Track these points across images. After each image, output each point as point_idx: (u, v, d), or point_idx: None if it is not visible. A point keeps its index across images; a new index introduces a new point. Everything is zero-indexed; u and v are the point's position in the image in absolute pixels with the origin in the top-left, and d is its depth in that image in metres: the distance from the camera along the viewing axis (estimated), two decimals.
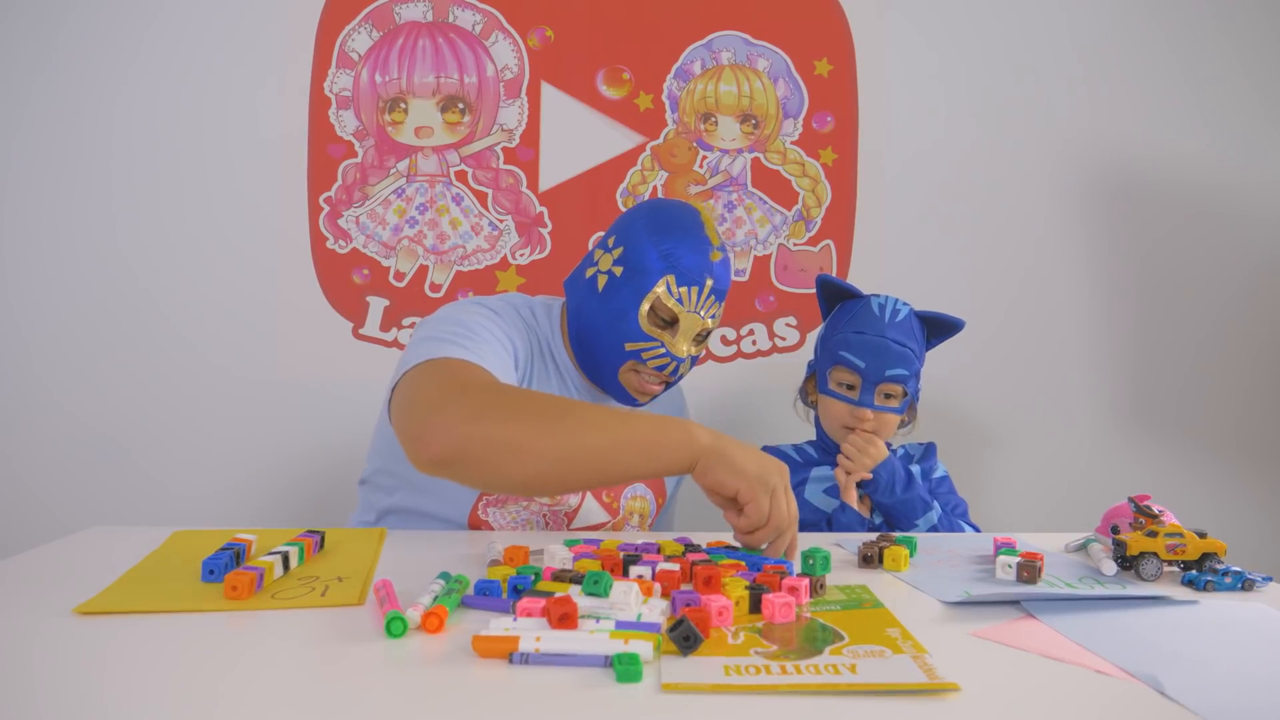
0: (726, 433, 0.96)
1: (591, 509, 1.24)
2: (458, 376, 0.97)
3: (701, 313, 1.19)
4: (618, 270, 1.18)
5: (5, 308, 1.78)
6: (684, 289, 1.17)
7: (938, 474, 1.46)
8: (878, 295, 1.42)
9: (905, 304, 1.41)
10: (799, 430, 1.56)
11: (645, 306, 1.17)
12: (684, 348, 1.20)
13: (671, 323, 1.19)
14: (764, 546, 0.95)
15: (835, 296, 1.47)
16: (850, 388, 1.39)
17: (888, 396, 1.39)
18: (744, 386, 1.89)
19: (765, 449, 1.51)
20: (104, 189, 1.79)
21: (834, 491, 1.39)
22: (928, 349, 1.45)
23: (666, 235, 1.18)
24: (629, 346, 1.18)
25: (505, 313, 1.20)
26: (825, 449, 1.46)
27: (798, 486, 1.44)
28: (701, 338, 1.23)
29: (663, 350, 1.18)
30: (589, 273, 1.22)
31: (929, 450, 1.49)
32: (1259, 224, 1.96)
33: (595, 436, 0.91)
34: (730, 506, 0.94)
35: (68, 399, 1.78)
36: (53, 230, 1.78)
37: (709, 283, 1.18)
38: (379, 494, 1.25)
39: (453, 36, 1.85)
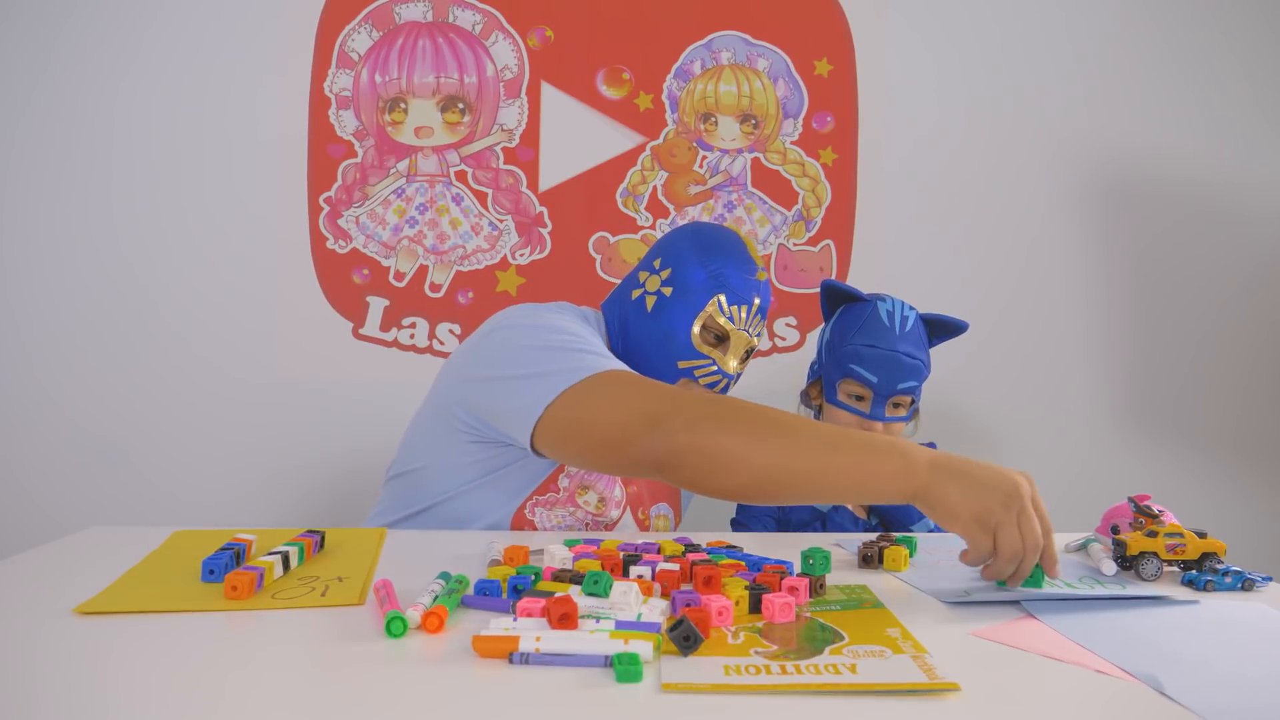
0: None
1: (627, 524, 1.24)
2: (651, 386, 0.99)
3: (750, 330, 1.23)
4: (667, 291, 1.21)
5: (5, 309, 1.78)
6: (734, 307, 1.21)
7: None
8: (883, 299, 1.40)
9: (911, 308, 1.40)
10: None
11: (697, 325, 1.20)
12: (733, 364, 1.22)
13: (722, 340, 1.22)
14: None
15: (838, 300, 1.45)
16: (861, 399, 1.39)
17: (896, 406, 1.39)
18: (744, 386, 1.88)
19: None
20: (103, 189, 1.79)
21: None
22: (930, 347, 1.44)
23: (713, 256, 1.21)
24: (682, 365, 1.20)
25: (577, 323, 1.17)
26: None
27: None
28: (747, 355, 1.24)
29: (715, 368, 1.20)
30: (634, 294, 1.24)
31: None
32: (1258, 223, 1.96)
33: (808, 457, 0.90)
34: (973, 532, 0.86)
35: (67, 399, 1.78)
36: (52, 230, 1.78)
37: (756, 301, 1.22)
38: (418, 491, 1.21)
39: (453, 36, 1.85)
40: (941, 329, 1.42)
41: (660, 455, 0.92)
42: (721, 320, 1.20)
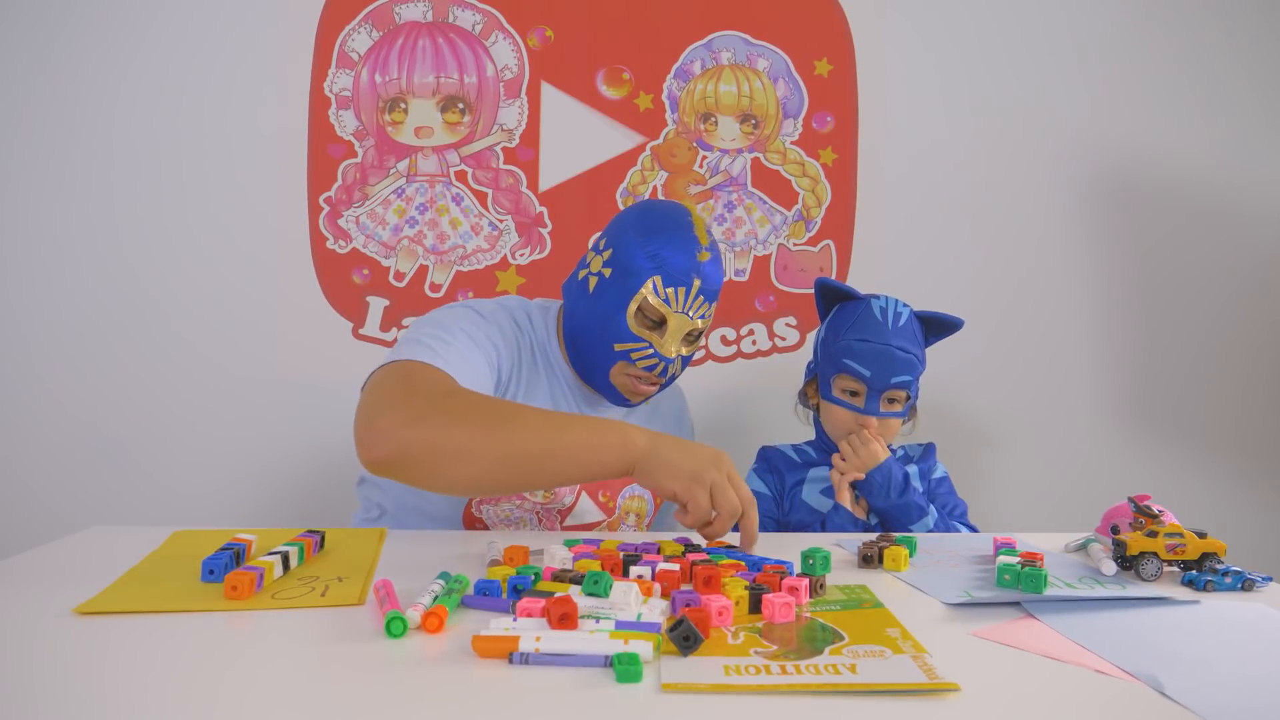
0: (726, 433, 0.98)
1: (586, 508, 1.24)
2: (409, 380, 1.00)
3: (690, 313, 1.20)
4: (607, 272, 1.20)
5: (6, 308, 1.78)
6: (671, 289, 1.18)
7: (937, 474, 1.46)
8: (877, 297, 1.41)
9: (905, 305, 1.41)
10: (798, 430, 1.56)
11: (633, 307, 1.18)
12: (673, 348, 1.20)
13: (660, 323, 1.20)
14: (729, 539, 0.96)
15: (833, 298, 1.46)
16: (854, 395, 1.39)
17: (891, 401, 1.39)
18: (744, 386, 1.89)
19: (764, 449, 1.51)
20: (104, 189, 1.79)
21: (830, 492, 1.39)
22: (926, 347, 1.45)
23: (654, 236, 1.19)
24: (618, 347, 1.19)
25: (495, 316, 1.21)
26: (824, 450, 1.46)
27: (795, 487, 1.44)
28: (693, 338, 1.23)
29: (651, 351, 1.19)
30: (581, 275, 1.24)
31: (928, 450, 1.49)
32: (1259, 224, 1.96)
33: (532, 441, 0.94)
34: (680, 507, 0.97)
35: (68, 399, 1.78)
36: (53, 230, 1.78)
37: (697, 283, 1.19)
38: (376, 492, 1.27)
39: (453, 36, 1.85)
40: (937, 326, 1.43)
41: (386, 453, 0.93)
42: (656, 303, 1.18)
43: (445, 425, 0.94)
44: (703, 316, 1.21)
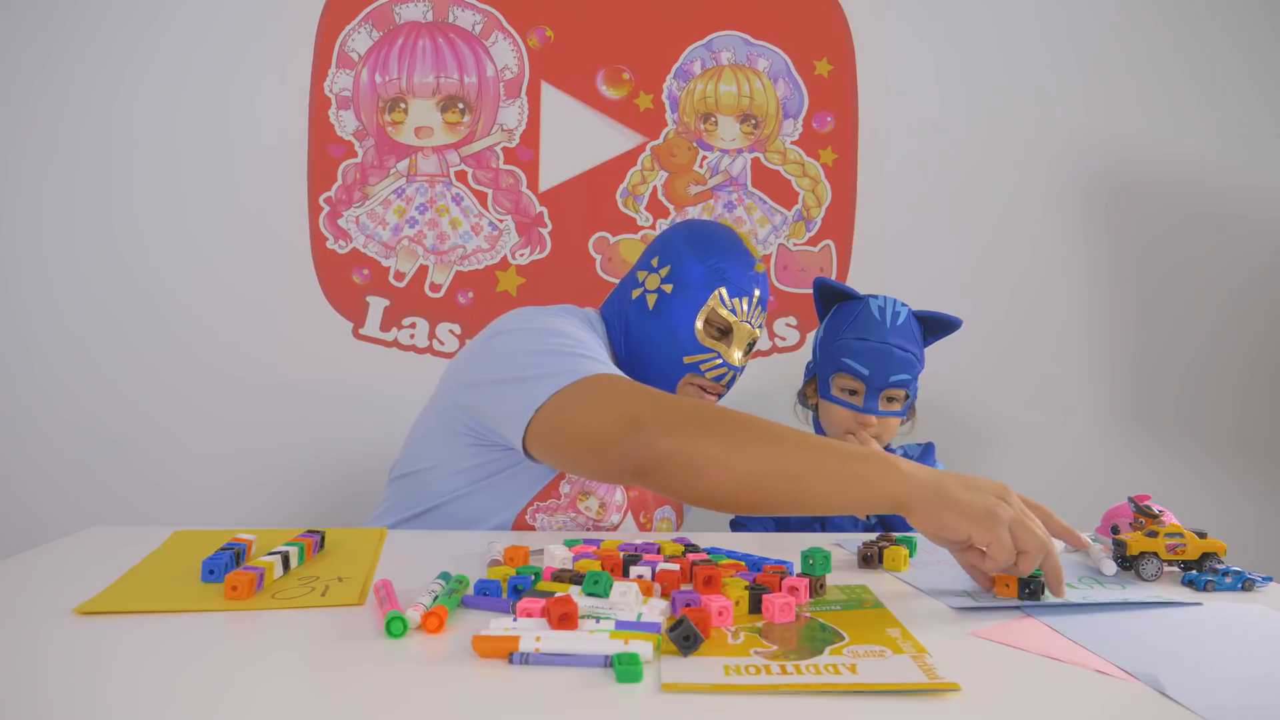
0: None
1: (630, 528, 1.25)
2: (636, 390, 0.98)
3: (752, 322, 1.25)
4: (667, 288, 1.22)
5: (5, 308, 1.78)
6: (735, 299, 1.23)
7: None
8: (875, 296, 1.41)
9: (903, 304, 1.41)
10: None
11: (700, 320, 1.21)
12: (738, 356, 1.24)
13: (725, 333, 1.24)
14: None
15: (831, 298, 1.46)
16: (853, 393, 1.40)
17: (890, 400, 1.39)
18: (744, 386, 1.88)
19: None
20: (103, 189, 1.79)
21: None
22: (924, 346, 1.45)
23: (712, 251, 1.23)
24: (687, 360, 1.22)
25: (582, 322, 1.22)
26: None
27: None
28: (750, 348, 1.26)
29: (720, 360, 1.22)
30: (635, 294, 1.26)
31: (927, 450, 1.49)
32: (1258, 224, 1.96)
33: (792, 461, 0.88)
34: (967, 549, 0.86)
35: (68, 399, 1.78)
36: (52, 231, 1.78)
37: (756, 293, 1.25)
38: (420, 492, 1.20)
39: (453, 36, 1.85)
40: (935, 326, 1.43)
41: (640, 460, 0.91)
42: (724, 313, 1.22)
43: (702, 437, 0.90)
44: (760, 325, 1.27)
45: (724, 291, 1.22)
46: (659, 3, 1.87)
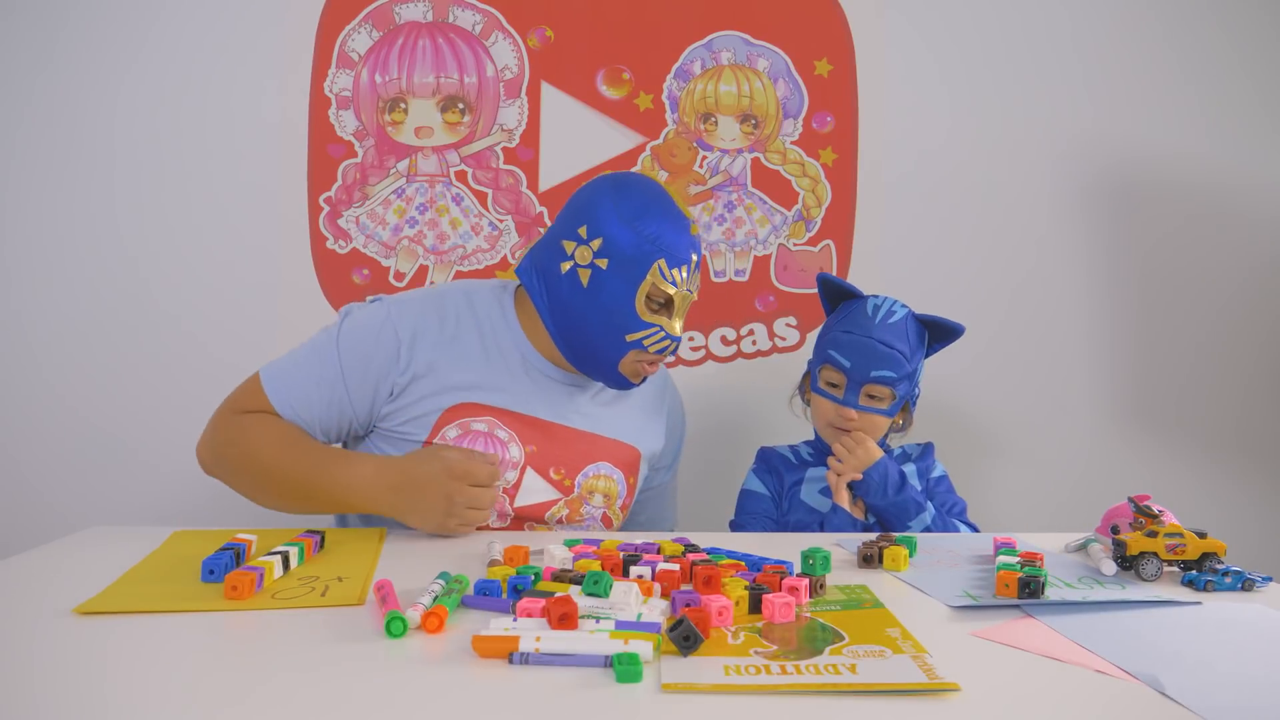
0: (726, 433, 0.97)
1: (536, 485, 1.21)
2: (236, 405, 1.18)
3: (691, 289, 1.20)
4: (602, 264, 1.16)
5: (6, 308, 1.78)
6: (675, 270, 1.17)
7: (935, 474, 1.46)
8: (876, 296, 1.41)
9: (904, 306, 1.40)
10: (799, 430, 1.56)
11: (641, 296, 1.16)
12: (678, 326, 1.20)
13: (666, 305, 1.19)
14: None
15: (836, 296, 1.46)
16: (835, 386, 1.39)
17: (873, 398, 1.38)
18: (744, 386, 1.89)
19: (763, 450, 1.51)
20: (105, 189, 1.79)
21: (829, 492, 1.39)
22: (930, 354, 1.44)
23: (644, 218, 1.16)
24: (630, 337, 1.18)
25: (409, 319, 1.20)
26: (820, 450, 1.46)
27: (794, 487, 1.44)
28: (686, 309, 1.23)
29: (663, 334, 1.19)
30: (564, 267, 1.19)
31: (926, 450, 1.49)
32: (1259, 225, 1.96)
33: (295, 480, 1.12)
34: None
35: (68, 399, 1.78)
36: (52, 231, 1.78)
37: (694, 258, 1.19)
38: None
39: (453, 36, 1.85)
40: (937, 331, 1.42)
41: (203, 465, 1.19)
42: (664, 286, 1.16)
43: (224, 474, 1.18)
44: (696, 288, 1.22)
45: (663, 264, 1.16)
46: (659, 3, 1.87)
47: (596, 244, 1.16)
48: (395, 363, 1.17)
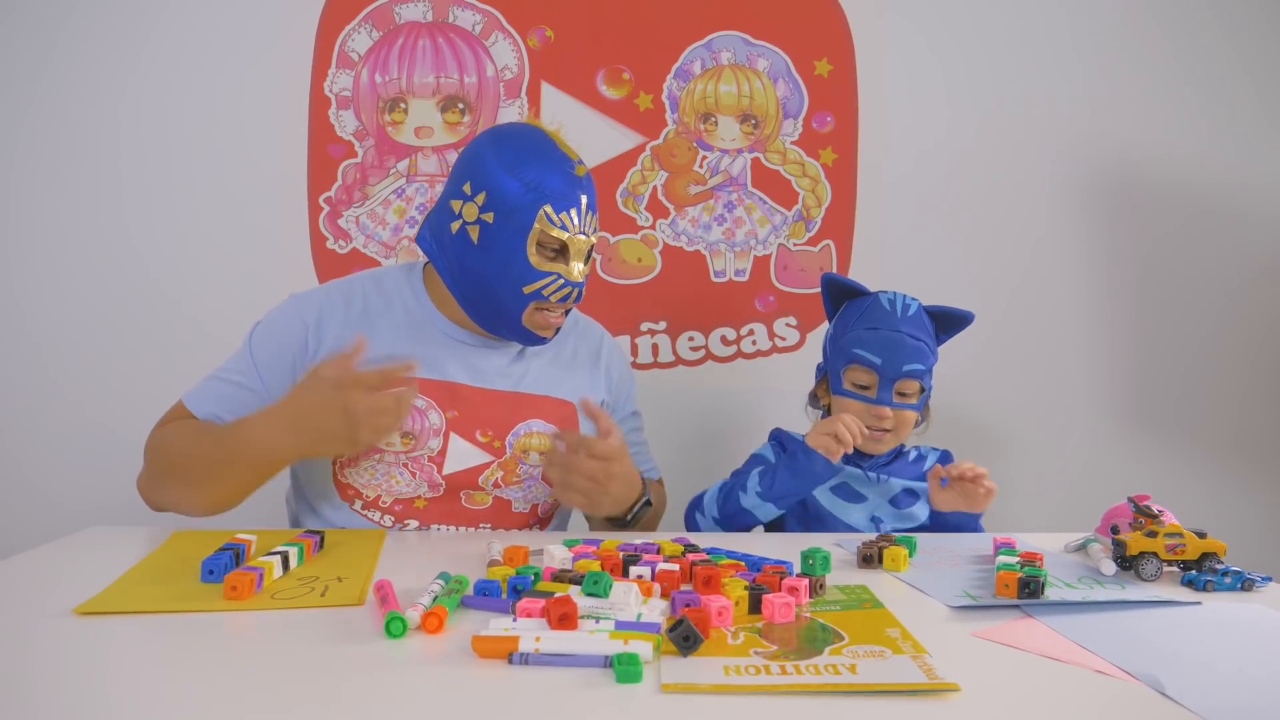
0: (726, 432, 0.97)
1: (463, 450, 1.20)
2: (158, 424, 1.19)
3: (586, 232, 1.16)
4: (488, 217, 1.14)
5: (8, 309, 1.78)
6: (563, 214, 1.13)
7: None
8: (885, 291, 1.40)
9: (914, 299, 1.40)
10: (799, 431, 1.55)
11: (532, 245, 1.13)
12: (577, 271, 1.16)
13: (561, 250, 1.16)
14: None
15: (840, 296, 1.44)
16: (865, 387, 1.35)
17: (903, 394, 1.35)
18: (744, 386, 1.89)
19: (777, 430, 1.48)
20: (105, 189, 1.79)
21: (840, 490, 1.38)
22: (939, 344, 1.43)
23: (524, 164, 1.13)
24: (528, 289, 1.15)
25: (314, 303, 1.23)
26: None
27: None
28: (589, 255, 1.19)
29: (561, 280, 1.15)
30: (454, 227, 1.17)
31: (945, 456, 1.47)
32: (1259, 224, 1.96)
33: (201, 482, 1.09)
34: None
35: (68, 399, 1.78)
36: (54, 231, 1.78)
37: (583, 199, 1.15)
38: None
39: (453, 36, 1.85)
40: (947, 321, 1.41)
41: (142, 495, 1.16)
42: (554, 232, 1.13)
43: (161, 483, 1.13)
44: (595, 231, 1.18)
45: (549, 209, 1.12)
46: (659, 3, 1.87)
47: (481, 198, 1.14)
48: (304, 347, 1.19)
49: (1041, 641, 0.71)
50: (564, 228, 1.14)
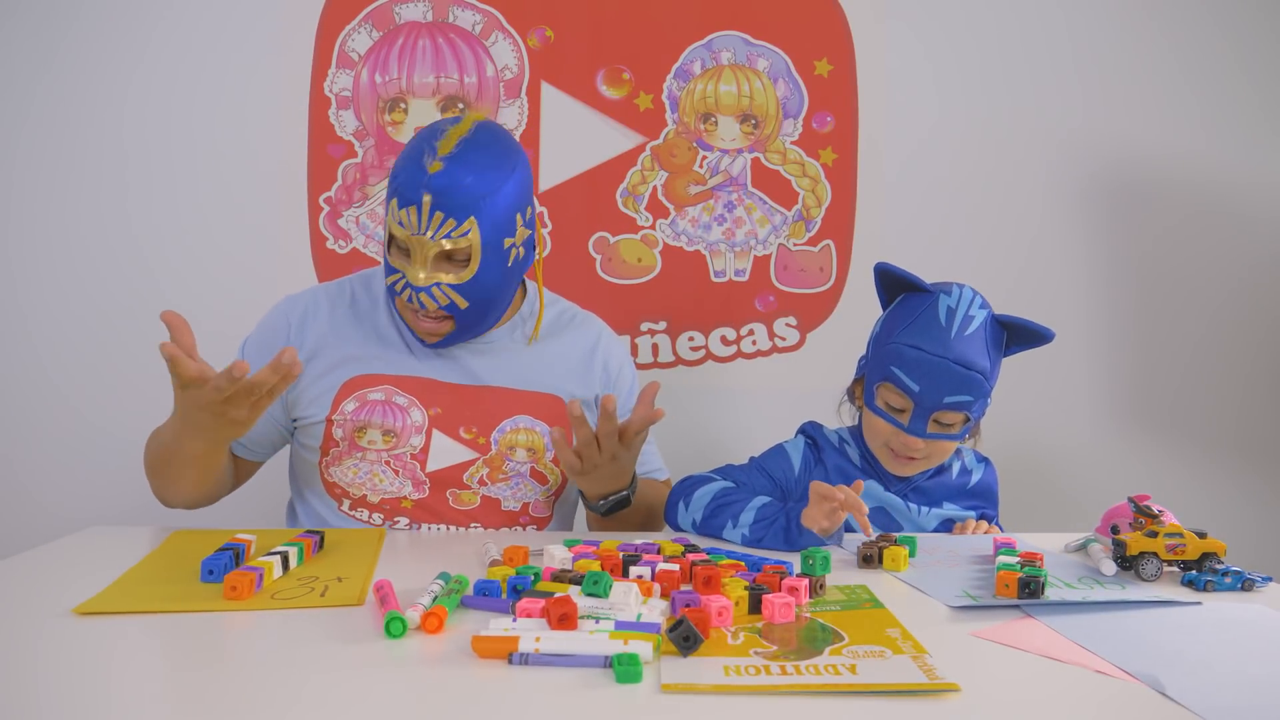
0: (726, 432, 0.97)
1: (446, 447, 1.19)
2: (146, 453, 1.19)
3: (431, 234, 1.06)
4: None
5: (8, 310, 1.78)
6: (404, 211, 1.07)
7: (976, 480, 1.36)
8: (949, 292, 1.18)
9: (983, 305, 1.18)
10: (828, 424, 1.50)
11: (388, 238, 1.12)
12: (421, 274, 1.08)
13: (405, 251, 1.10)
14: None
15: (895, 288, 1.24)
16: (900, 411, 1.17)
17: (943, 424, 1.16)
18: (744, 386, 1.89)
19: (807, 425, 1.36)
20: (106, 189, 1.79)
21: (877, 517, 1.24)
22: (1007, 355, 1.25)
23: (402, 156, 1.10)
24: (387, 283, 1.14)
25: (300, 304, 1.26)
26: (863, 459, 1.28)
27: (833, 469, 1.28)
28: (460, 261, 1.10)
29: (404, 281, 1.10)
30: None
31: (989, 473, 1.39)
32: (1258, 223, 1.96)
33: (172, 457, 1.11)
34: None
35: (68, 400, 1.78)
36: (54, 232, 1.78)
37: (427, 199, 1.05)
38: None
39: (453, 36, 1.85)
40: (1022, 336, 1.22)
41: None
42: (394, 229, 1.08)
43: (155, 473, 1.16)
44: (448, 235, 1.06)
45: (394, 204, 1.07)
46: (659, 3, 1.87)
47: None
48: (286, 344, 1.19)
49: (1042, 641, 0.71)
50: (402, 224, 1.08)
